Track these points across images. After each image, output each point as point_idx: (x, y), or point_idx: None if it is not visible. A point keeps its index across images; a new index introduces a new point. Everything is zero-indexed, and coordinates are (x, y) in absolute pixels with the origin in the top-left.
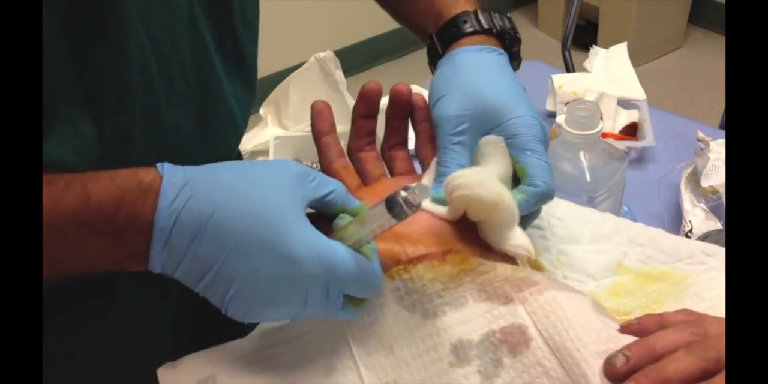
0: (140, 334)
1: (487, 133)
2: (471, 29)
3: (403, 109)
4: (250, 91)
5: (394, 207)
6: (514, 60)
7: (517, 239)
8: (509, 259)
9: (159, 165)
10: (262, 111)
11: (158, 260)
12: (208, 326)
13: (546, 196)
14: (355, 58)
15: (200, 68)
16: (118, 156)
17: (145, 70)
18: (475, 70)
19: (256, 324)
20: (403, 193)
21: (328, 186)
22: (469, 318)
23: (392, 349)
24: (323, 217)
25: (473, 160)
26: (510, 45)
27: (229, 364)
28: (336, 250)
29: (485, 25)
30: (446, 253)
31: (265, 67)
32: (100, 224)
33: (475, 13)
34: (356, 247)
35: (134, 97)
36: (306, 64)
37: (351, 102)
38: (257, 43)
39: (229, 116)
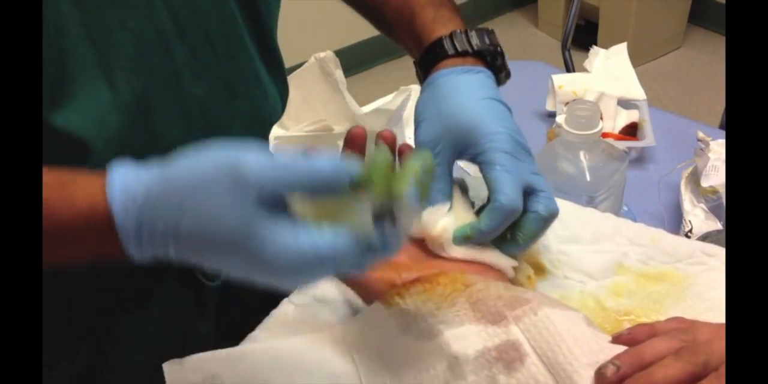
0: (178, 345)
1: (461, 153)
2: (450, 53)
3: (361, 149)
4: (283, 82)
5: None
6: (500, 72)
7: (500, 262)
8: (503, 276)
9: (108, 187)
10: None
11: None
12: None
13: (508, 211)
14: (355, 58)
15: (228, 41)
16: (138, 127)
17: (161, 34)
18: (449, 93)
19: None
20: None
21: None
22: (464, 335)
23: (393, 368)
24: None
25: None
26: (492, 60)
27: (234, 365)
28: (316, 245)
29: (459, 48)
30: (437, 275)
31: None
32: (71, 241)
33: (451, 36)
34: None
35: (151, 62)
36: (306, 64)
37: (351, 102)
38: (276, 33)
39: (264, 97)
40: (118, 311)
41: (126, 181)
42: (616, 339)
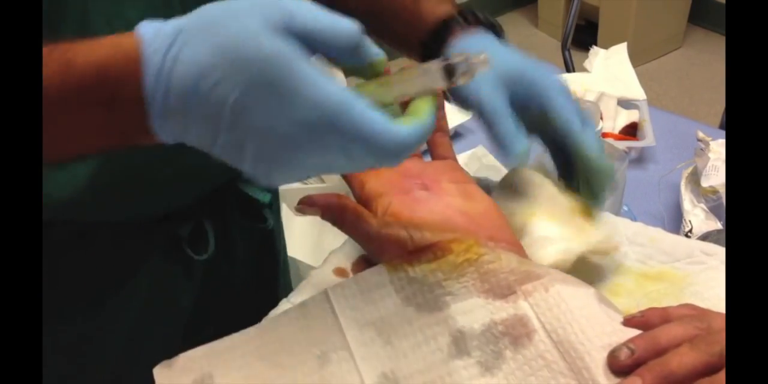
0: (160, 313)
1: (519, 98)
2: (462, 26)
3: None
4: None
5: (454, 71)
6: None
7: None
8: (516, 249)
9: (140, 25)
10: None
11: (163, 132)
12: (227, 312)
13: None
14: None
15: None
16: None
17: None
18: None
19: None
20: (472, 59)
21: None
22: (471, 309)
23: (390, 339)
24: None
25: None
26: (497, 33)
27: (224, 360)
28: (349, 97)
29: (470, 20)
30: (451, 242)
31: None
32: (86, 93)
33: (460, 13)
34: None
35: None
36: None
37: None
38: None
39: None
40: (106, 287)
41: (155, 24)
42: (628, 321)
